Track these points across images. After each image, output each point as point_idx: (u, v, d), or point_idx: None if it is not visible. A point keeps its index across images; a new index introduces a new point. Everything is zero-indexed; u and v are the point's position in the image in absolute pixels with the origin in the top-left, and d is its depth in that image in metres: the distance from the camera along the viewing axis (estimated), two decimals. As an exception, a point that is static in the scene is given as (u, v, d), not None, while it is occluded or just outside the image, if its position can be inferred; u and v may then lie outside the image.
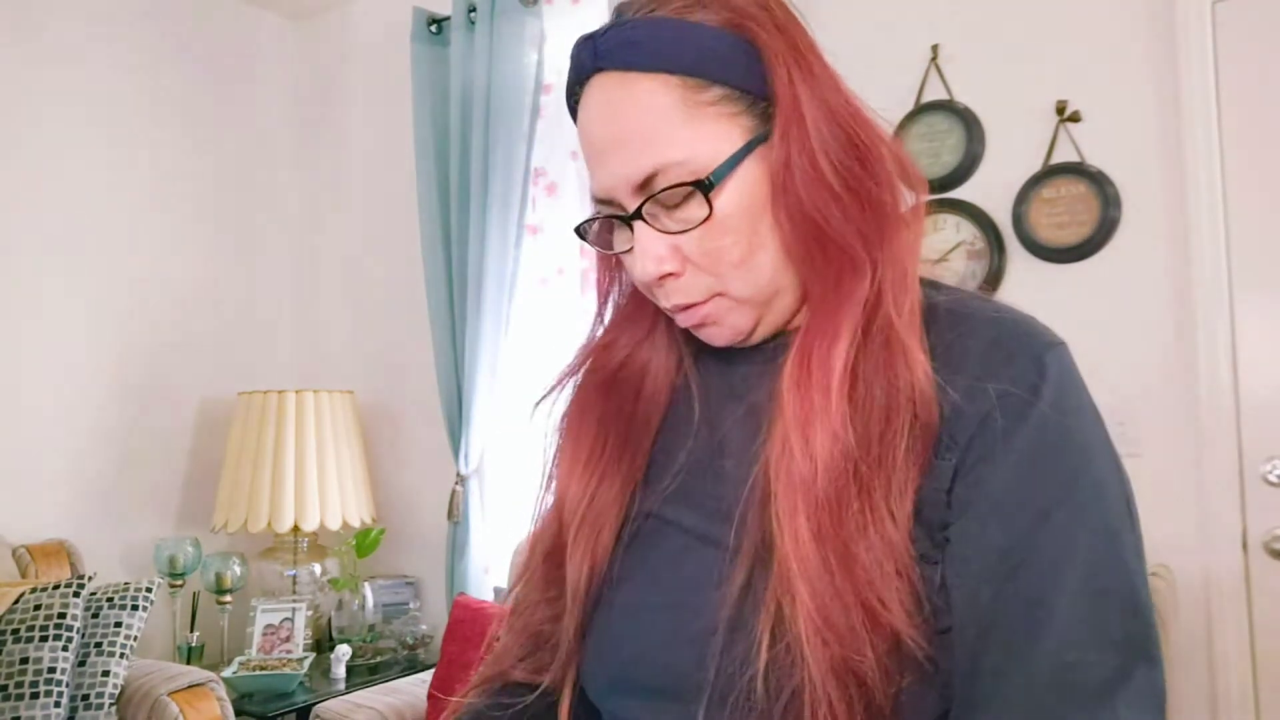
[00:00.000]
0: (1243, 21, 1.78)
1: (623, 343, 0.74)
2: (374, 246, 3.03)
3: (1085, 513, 0.56)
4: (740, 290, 0.64)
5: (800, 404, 0.60)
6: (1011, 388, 0.58)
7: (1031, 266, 1.96)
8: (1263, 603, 1.72)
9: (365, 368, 3.01)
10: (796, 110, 0.61)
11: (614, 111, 0.62)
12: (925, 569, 0.57)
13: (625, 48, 0.62)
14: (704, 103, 0.61)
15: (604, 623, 0.68)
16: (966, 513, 0.57)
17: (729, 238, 0.62)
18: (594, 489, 0.70)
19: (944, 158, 2.04)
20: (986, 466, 0.57)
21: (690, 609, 0.62)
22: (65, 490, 2.59)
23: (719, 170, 0.60)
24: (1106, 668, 0.53)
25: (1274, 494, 1.72)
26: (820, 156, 0.61)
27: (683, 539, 0.66)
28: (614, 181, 0.63)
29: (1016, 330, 0.62)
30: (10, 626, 1.94)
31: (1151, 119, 1.85)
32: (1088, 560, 0.55)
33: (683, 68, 0.60)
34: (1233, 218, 1.77)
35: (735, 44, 0.62)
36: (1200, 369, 1.76)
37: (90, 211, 2.69)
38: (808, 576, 0.56)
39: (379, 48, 2.99)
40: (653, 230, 0.63)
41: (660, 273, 0.63)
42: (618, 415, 0.73)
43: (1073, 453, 0.57)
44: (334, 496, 2.62)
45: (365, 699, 2.20)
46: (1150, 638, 0.55)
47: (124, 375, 2.73)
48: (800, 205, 0.61)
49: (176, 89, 2.91)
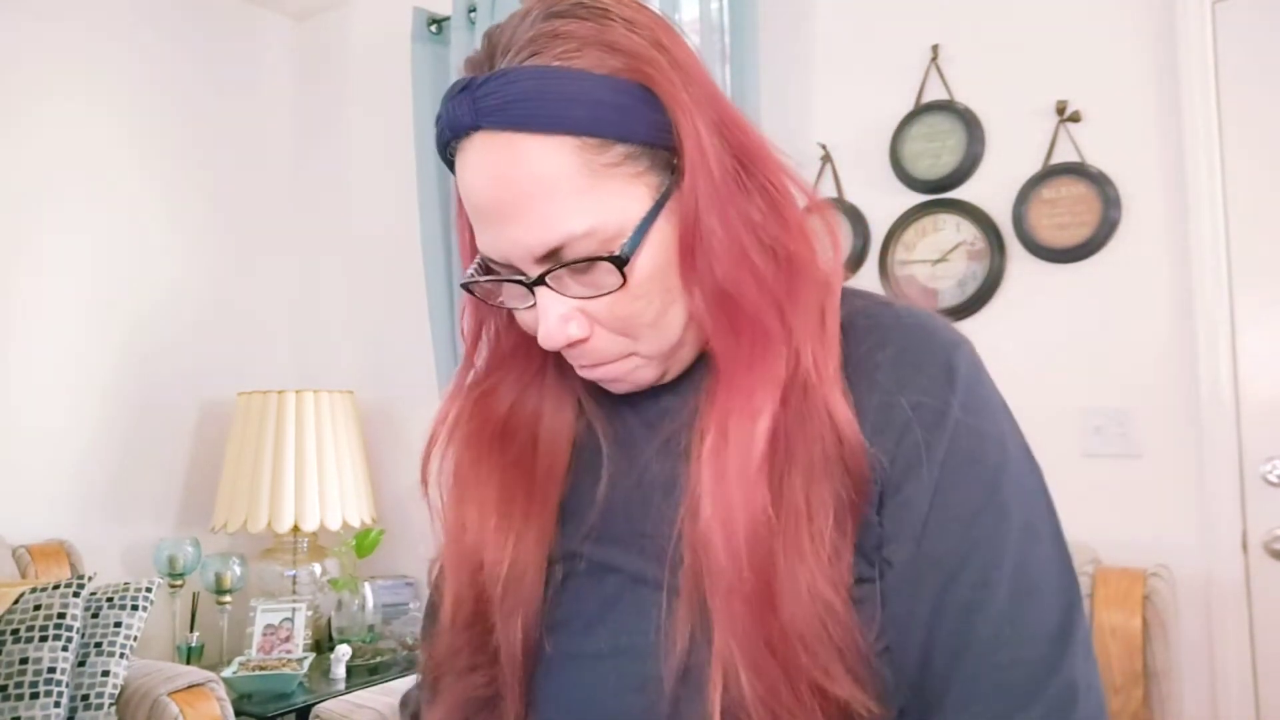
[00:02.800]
0: (1243, 21, 1.78)
1: (506, 389, 0.68)
2: (374, 246, 3.03)
3: (1007, 512, 0.56)
4: (651, 349, 0.60)
5: (718, 485, 0.56)
6: (923, 398, 0.57)
7: (1032, 267, 1.96)
8: (1263, 603, 1.72)
9: (365, 368, 3.01)
10: (703, 164, 0.56)
11: (504, 178, 0.55)
12: (862, 590, 0.57)
13: (511, 105, 0.54)
14: (606, 164, 0.55)
15: (545, 674, 0.64)
16: (899, 532, 0.57)
17: (641, 302, 0.57)
18: (510, 551, 0.65)
19: (944, 158, 2.04)
20: (910, 483, 0.57)
21: (634, 655, 0.59)
22: (65, 490, 2.59)
23: (631, 240, 0.55)
24: (1040, 663, 0.53)
25: (1274, 494, 1.72)
26: (732, 214, 0.57)
27: (616, 580, 0.62)
28: (511, 249, 0.57)
29: (920, 335, 0.60)
30: (10, 626, 1.94)
31: (1152, 119, 1.85)
32: (1014, 561, 0.55)
33: (579, 127, 0.54)
34: (1233, 218, 1.77)
35: (632, 93, 0.55)
36: (1200, 369, 1.76)
37: (89, 211, 2.69)
38: (751, 662, 0.54)
39: (379, 48, 2.99)
40: (556, 295, 0.58)
41: (568, 338, 0.58)
42: (517, 468, 0.67)
43: (989, 453, 0.57)
44: (334, 497, 2.62)
45: (365, 699, 2.19)
46: (1077, 623, 0.55)
47: (124, 375, 2.73)
48: (712, 275, 0.56)
49: (177, 89, 2.91)
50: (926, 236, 2.07)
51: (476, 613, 0.66)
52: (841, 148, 2.19)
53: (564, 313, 0.58)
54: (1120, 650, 1.61)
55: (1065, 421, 1.88)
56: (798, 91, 2.26)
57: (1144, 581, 1.64)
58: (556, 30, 0.56)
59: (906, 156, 2.09)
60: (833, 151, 2.20)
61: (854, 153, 2.18)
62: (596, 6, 0.57)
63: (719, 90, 0.60)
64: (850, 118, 2.19)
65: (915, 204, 2.09)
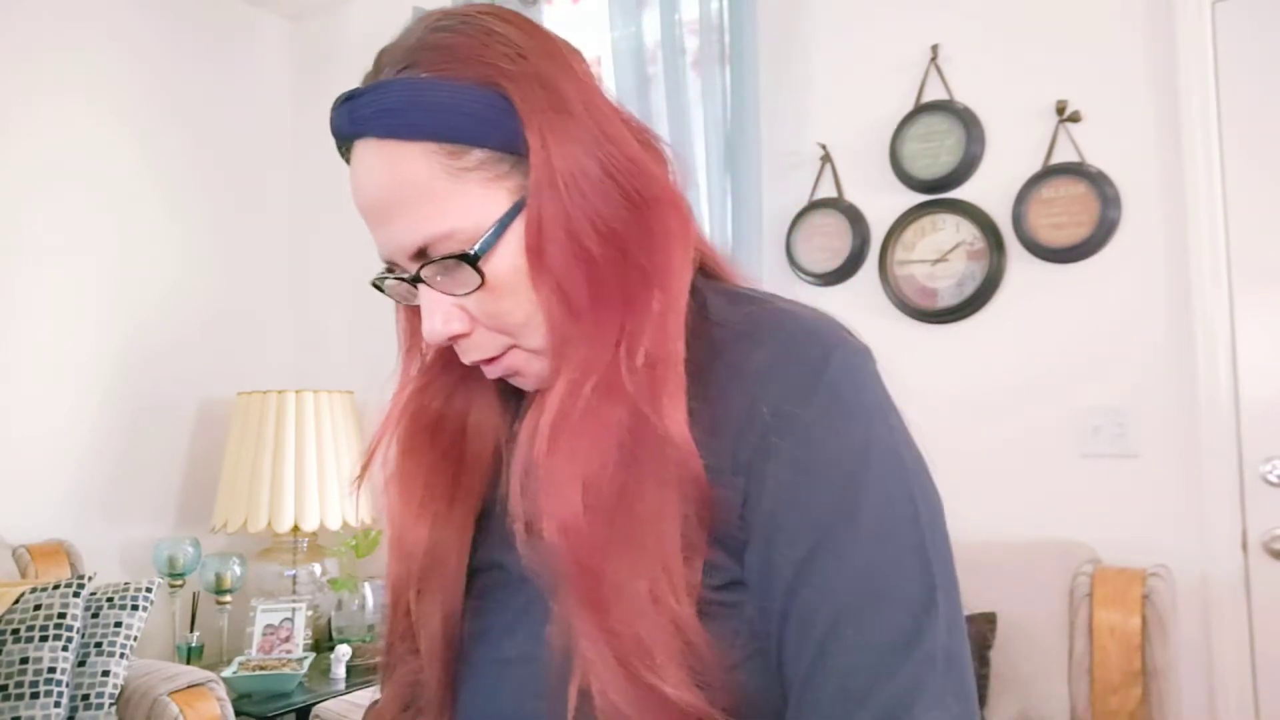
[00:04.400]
0: (1243, 21, 1.78)
1: (436, 388, 0.72)
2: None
3: (856, 517, 0.55)
4: (532, 343, 0.62)
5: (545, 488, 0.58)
6: (784, 403, 0.57)
7: (1031, 266, 1.96)
8: (1263, 603, 1.72)
9: (365, 368, 3.00)
10: (548, 169, 0.58)
11: (377, 182, 0.60)
12: (731, 593, 0.57)
13: (382, 115, 0.59)
14: (465, 169, 0.58)
15: (467, 677, 0.67)
16: (755, 536, 0.57)
17: (507, 301, 0.60)
18: (429, 534, 0.68)
19: (944, 158, 2.04)
20: (760, 488, 0.57)
21: (540, 663, 0.59)
22: (65, 490, 2.59)
23: (484, 242, 0.58)
24: (877, 669, 0.53)
25: (1274, 494, 1.72)
26: (576, 219, 0.59)
27: (531, 589, 0.63)
28: (390, 248, 0.62)
29: (796, 339, 0.60)
30: (10, 626, 1.94)
31: (1151, 119, 1.85)
32: (860, 565, 0.54)
33: (440, 134, 0.58)
34: (1232, 218, 1.77)
35: (490, 102, 0.58)
36: (1200, 369, 1.76)
37: (89, 211, 2.69)
38: (600, 669, 0.55)
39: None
40: (436, 292, 0.61)
41: (448, 333, 0.62)
42: (445, 459, 0.70)
43: (844, 458, 0.56)
44: (333, 496, 2.62)
45: (365, 699, 2.20)
46: (926, 633, 0.53)
47: (123, 375, 2.73)
48: (551, 274, 0.59)
49: (176, 89, 2.91)
50: (926, 236, 2.07)
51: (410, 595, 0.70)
52: (841, 148, 2.20)
53: (444, 310, 0.61)
54: (1119, 649, 1.62)
55: (1064, 421, 1.88)
56: (797, 91, 2.26)
57: (1143, 581, 1.64)
58: (435, 43, 0.61)
59: (906, 156, 2.09)
60: (832, 151, 2.20)
61: (853, 153, 2.18)
62: (477, 22, 0.61)
63: (592, 94, 0.62)
64: (850, 118, 2.19)
65: (914, 204, 2.09)
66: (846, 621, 0.54)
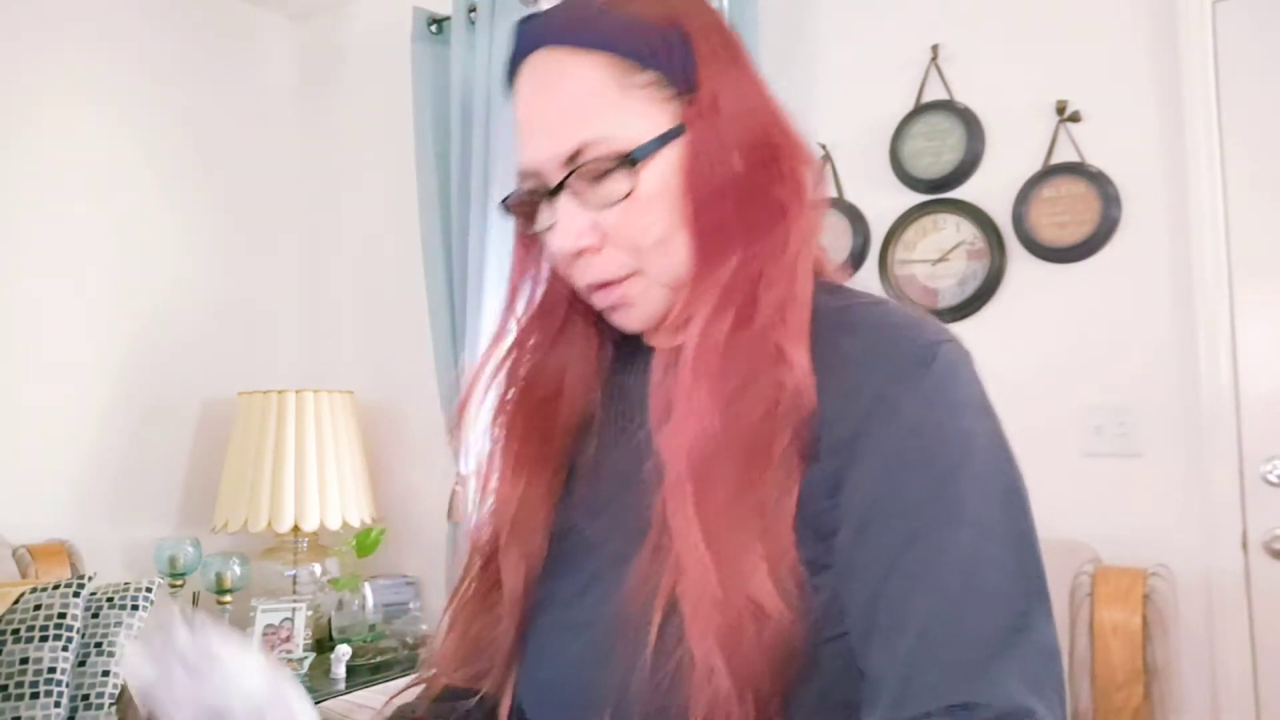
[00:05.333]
0: (1243, 21, 1.78)
1: (539, 341, 0.74)
2: (374, 246, 3.03)
3: (957, 509, 0.56)
4: (656, 271, 0.65)
5: (674, 390, 0.61)
6: (886, 390, 0.58)
7: (1031, 266, 1.96)
8: (1263, 603, 1.72)
9: (365, 368, 3.01)
10: (714, 102, 0.63)
11: (549, 85, 0.64)
12: (815, 577, 0.57)
13: (567, 25, 0.64)
14: (636, 85, 0.63)
15: (532, 643, 0.69)
16: (848, 519, 0.57)
17: (648, 217, 0.63)
18: (522, 490, 0.71)
19: (944, 157, 2.04)
20: (858, 470, 0.57)
21: (604, 627, 0.61)
22: (65, 490, 2.59)
23: (642, 148, 0.62)
24: (973, 665, 0.53)
25: (1274, 494, 1.72)
26: (728, 149, 0.63)
27: (601, 557, 0.65)
28: (541, 155, 0.64)
29: (897, 330, 0.62)
30: (10, 626, 1.94)
31: (1152, 119, 1.85)
32: (960, 558, 0.55)
33: (619, 48, 0.63)
34: (1233, 217, 1.77)
35: (670, 36, 0.64)
36: (1200, 369, 1.76)
37: (89, 211, 2.69)
38: (694, 557, 0.56)
39: (379, 48, 2.99)
40: (575, 204, 0.64)
41: (578, 246, 0.64)
42: (539, 416, 0.73)
43: (948, 450, 0.57)
44: (334, 496, 2.62)
45: (366, 699, 2.20)
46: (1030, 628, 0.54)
47: (124, 375, 2.73)
48: (697, 191, 0.63)
49: (177, 89, 2.91)
50: (926, 236, 2.07)
51: (494, 551, 0.72)
52: (841, 147, 2.19)
53: (578, 223, 0.64)
54: (1121, 648, 1.62)
55: (1065, 421, 1.88)
56: (798, 91, 2.26)
57: (1144, 580, 1.64)
58: None
59: (906, 156, 2.09)
60: (833, 151, 2.20)
61: (854, 152, 2.18)
62: None
63: (749, 60, 0.68)
64: (850, 117, 2.19)
65: (915, 203, 2.09)
66: (950, 611, 0.54)
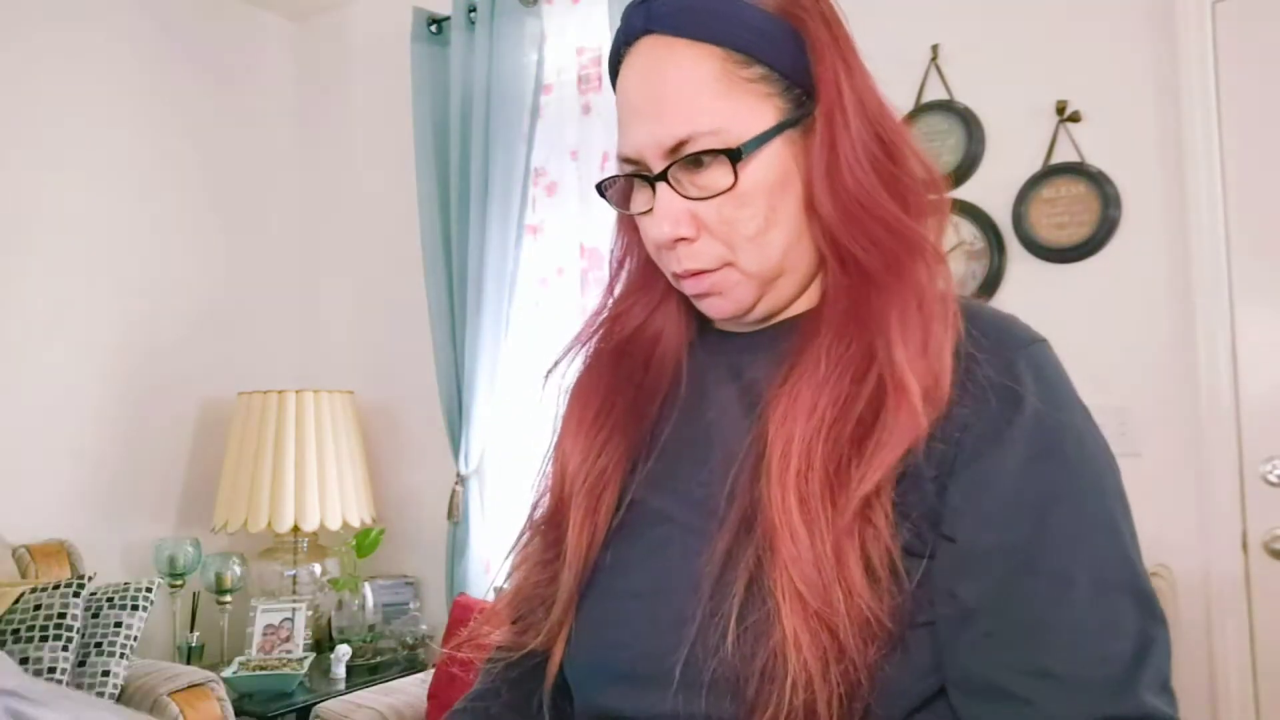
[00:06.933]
0: (1243, 21, 1.78)
1: (636, 311, 0.75)
2: (374, 246, 3.03)
3: (1087, 507, 0.57)
4: (749, 264, 0.65)
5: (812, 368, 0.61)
6: (1003, 377, 0.59)
7: (1031, 266, 1.96)
8: (1263, 603, 1.72)
9: (365, 368, 3.01)
10: (840, 100, 0.63)
11: (656, 73, 0.63)
12: (909, 562, 0.57)
13: (678, 14, 0.63)
14: (744, 78, 0.62)
15: (587, 608, 0.69)
16: (968, 511, 0.57)
17: (747, 210, 0.63)
18: (598, 452, 0.71)
19: (944, 158, 2.04)
20: (987, 460, 0.57)
21: (670, 595, 0.62)
22: (65, 490, 2.59)
23: (750, 143, 0.62)
24: (1123, 659, 0.54)
25: (1274, 494, 1.72)
26: (860, 146, 0.63)
27: (667, 528, 0.66)
28: (645, 141, 0.64)
29: (1004, 323, 0.63)
30: (10, 626, 1.94)
31: (1151, 119, 1.85)
32: (1094, 556, 0.55)
33: (730, 41, 0.62)
34: (1233, 217, 1.77)
35: (783, 30, 0.63)
36: (1200, 369, 1.76)
37: (90, 212, 2.69)
38: (790, 532, 0.56)
39: (379, 48, 2.99)
40: (675, 193, 0.64)
41: (676, 235, 0.64)
42: (626, 383, 0.73)
43: (1069, 446, 0.58)
44: (334, 496, 2.62)
45: (365, 699, 2.20)
46: (1156, 623, 0.56)
47: (124, 375, 2.73)
48: (847, 187, 0.62)
49: (177, 89, 2.91)
50: (928, 236, 2.07)
51: (557, 509, 0.73)
52: (841, 147, 2.19)
53: (676, 212, 0.64)
54: (1120, 649, 1.62)
55: (1065, 421, 1.88)
56: (797, 91, 2.26)
57: (1144, 581, 1.64)
58: None
59: (906, 156, 2.09)
60: (832, 151, 2.20)
61: (854, 152, 2.18)
62: None
63: (868, 74, 0.68)
64: (850, 117, 2.19)
65: (915, 204, 2.09)
66: (1087, 609, 0.54)
